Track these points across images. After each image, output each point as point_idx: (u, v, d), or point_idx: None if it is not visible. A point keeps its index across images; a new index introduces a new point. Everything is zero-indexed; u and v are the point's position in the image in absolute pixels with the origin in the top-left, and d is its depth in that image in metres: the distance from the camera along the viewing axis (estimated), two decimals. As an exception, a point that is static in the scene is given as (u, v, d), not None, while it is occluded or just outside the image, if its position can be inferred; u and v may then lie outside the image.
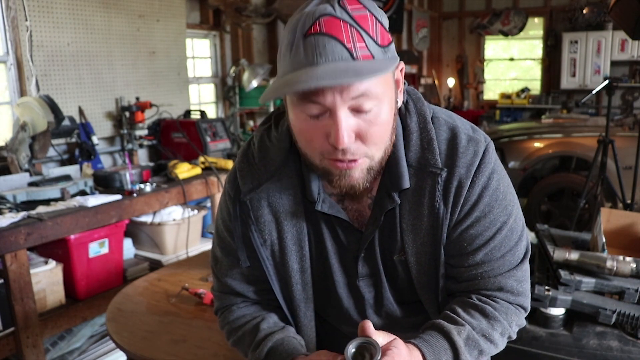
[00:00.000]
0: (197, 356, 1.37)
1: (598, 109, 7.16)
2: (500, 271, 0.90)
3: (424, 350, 0.81)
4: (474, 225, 0.88)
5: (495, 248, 0.89)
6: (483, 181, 0.87)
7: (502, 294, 0.91)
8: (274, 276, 0.95)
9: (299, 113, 0.79)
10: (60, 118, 2.60)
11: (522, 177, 4.38)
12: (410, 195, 0.89)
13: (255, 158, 0.94)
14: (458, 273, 0.92)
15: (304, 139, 0.82)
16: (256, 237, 0.93)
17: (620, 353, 1.54)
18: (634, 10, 2.50)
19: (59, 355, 2.47)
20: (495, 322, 0.89)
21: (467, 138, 0.89)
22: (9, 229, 2.02)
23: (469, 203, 0.88)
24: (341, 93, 0.74)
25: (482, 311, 0.89)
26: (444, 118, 0.92)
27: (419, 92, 0.96)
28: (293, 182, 0.92)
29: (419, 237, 0.89)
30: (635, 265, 1.61)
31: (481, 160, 0.88)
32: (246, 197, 0.93)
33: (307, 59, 0.73)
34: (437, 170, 0.87)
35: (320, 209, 0.90)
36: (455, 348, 0.84)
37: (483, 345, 0.88)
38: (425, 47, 8.16)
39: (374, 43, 0.75)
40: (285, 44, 0.77)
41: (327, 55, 0.73)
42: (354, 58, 0.73)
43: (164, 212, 2.96)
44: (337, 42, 0.73)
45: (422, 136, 0.89)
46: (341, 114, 0.75)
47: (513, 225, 0.91)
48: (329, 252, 0.95)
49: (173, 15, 3.69)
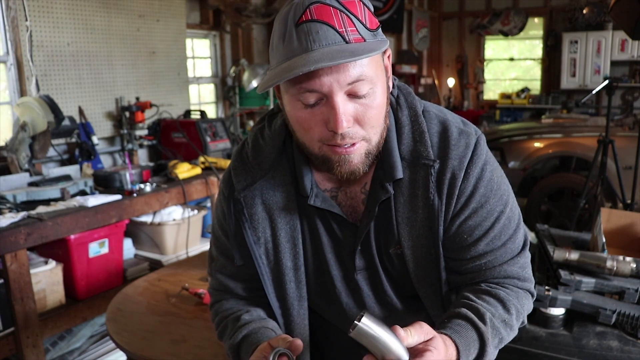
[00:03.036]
0: (197, 356, 1.37)
1: (598, 109, 7.16)
2: (503, 259, 0.91)
3: (457, 343, 0.79)
4: (472, 216, 0.89)
5: (495, 237, 0.90)
6: (477, 172, 0.89)
7: (509, 281, 0.92)
8: (266, 275, 0.96)
9: (295, 103, 0.80)
10: (60, 118, 2.60)
11: (522, 177, 4.37)
12: (404, 188, 0.90)
13: (249, 157, 0.96)
14: (461, 266, 0.93)
15: (302, 128, 0.83)
16: (250, 234, 0.94)
17: (620, 353, 1.54)
18: (634, 10, 2.50)
19: (59, 355, 2.47)
20: (511, 306, 0.89)
21: (459, 131, 0.91)
22: (9, 229, 2.02)
23: (465, 195, 0.89)
24: (337, 79, 0.76)
25: (497, 296, 0.89)
26: (434, 112, 0.94)
27: (410, 87, 0.98)
28: (286, 179, 0.94)
29: (414, 229, 0.90)
30: (635, 265, 1.61)
31: (473, 152, 0.89)
32: (240, 195, 0.94)
33: (302, 46, 0.75)
34: (429, 162, 0.88)
35: (313, 204, 0.91)
36: (482, 339, 0.82)
37: (503, 332, 0.88)
38: (425, 47, 8.16)
39: (363, 27, 0.77)
40: (277, 36, 0.79)
41: (321, 40, 0.74)
42: (347, 42, 0.75)
43: (164, 212, 2.96)
44: (329, 27, 0.75)
45: (413, 129, 0.91)
46: (338, 99, 0.77)
47: (510, 214, 0.92)
48: (324, 247, 0.96)
49: (173, 15, 3.69)
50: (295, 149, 0.93)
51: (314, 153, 0.84)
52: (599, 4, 6.82)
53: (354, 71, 0.76)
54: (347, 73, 0.76)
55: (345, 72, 0.76)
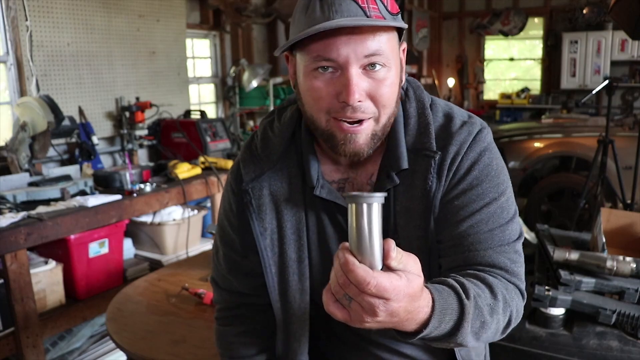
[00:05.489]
0: (197, 356, 1.37)
1: (598, 109, 7.15)
2: (489, 245, 0.87)
3: (435, 300, 0.71)
4: (459, 196, 0.89)
5: (482, 221, 0.87)
6: (473, 156, 0.89)
7: (497, 271, 0.86)
8: (269, 267, 0.96)
9: (310, 72, 0.82)
10: (60, 118, 2.60)
11: (522, 177, 4.37)
12: (404, 178, 0.91)
13: (258, 148, 0.98)
14: (446, 248, 0.90)
15: (312, 98, 0.84)
16: (257, 225, 0.95)
17: (620, 353, 1.54)
18: (634, 10, 2.50)
19: (59, 355, 2.47)
20: (498, 292, 0.82)
21: (462, 122, 0.92)
22: (9, 229, 2.02)
23: (457, 176, 0.89)
24: (355, 50, 0.78)
25: (484, 280, 0.83)
26: (441, 106, 0.96)
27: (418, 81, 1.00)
28: (294, 171, 0.95)
29: (411, 220, 0.90)
30: (635, 265, 1.61)
31: (474, 138, 0.90)
32: (248, 186, 0.96)
33: (324, 15, 0.77)
34: (431, 154, 0.89)
35: (319, 194, 0.92)
36: (462, 312, 0.74)
37: (487, 316, 0.79)
38: (425, 47, 8.16)
39: (385, 8, 0.80)
40: (299, 9, 0.82)
41: (343, 12, 0.77)
42: (368, 16, 0.78)
43: (164, 212, 2.96)
44: (352, 1, 0.77)
45: (419, 121, 0.92)
46: (353, 70, 0.79)
47: (504, 204, 0.89)
48: (329, 239, 0.96)
49: (173, 15, 3.69)
50: (303, 141, 0.94)
51: (321, 127, 0.85)
52: (599, 4, 6.82)
53: (372, 44, 0.78)
54: (365, 45, 0.78)
55: (363, 44, 0.78)
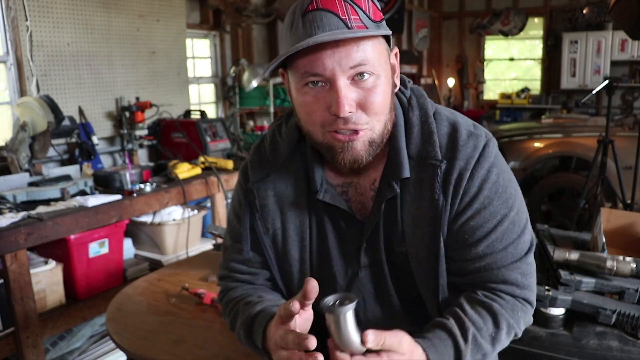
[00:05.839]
0: (197, 356, 1.37)
1: (598, 109, 7.15)
2: (503, 263, 0.91)
3: (429, 355, 0.82)
4: (474, 217, 0.90)
5: (497, 240, 0.90)
6: (482, 174, 0.89)
7: (507, 287, 0.91)
8: (273, 267, 1.00)
9: (300, 88, 0.84)
10: (60, 118, 2.60)
11: (522, 177, 4.37)
12: (411, 187, 0.91)
13: (266, 151, 1.01)
14: (461, 267, 0.93)
15: (305, 113, 0.86)
16: (259, 225, 0.98)
17: (620, 353, 1.54)
18: (634, 10, 2.50)
19: (59, 355, 2.47)
20: (502, 321, 0.89)
21: (468, 133, 0.92)
22: (9, 229, 2.02)
23: (469, 195, 0.89)
24: (340, 62, 0.80)
25: (490, 309, 0.89)
26: (445, 114, 0.96)
27: (422, 89, 1.00)
28: (299, 175, 0.97)
29: (419, 228, 0.91)
30: (635, 265, 1.61)
31: (481, 153, 0.90)
32: (254, 186, 0.98)
33: (306, 32, 0.80)
34: (436, 162, 0.89)
35: (322, 199, 0.93)
36: (459, 354, 0.85)
37: (487, 347, 0.88)
38: (425, 47, 8.16)
39: (367, 17, 0.82)
40: (286, 26, 0.84)
41: (324, 26, 0.79)
42: (349, 28, 0.80)
43: (164, 212, 2.96)
44: (332, 14, 0.79)
45: (423, 129, 0.92)
46: (341, 83, 0.80)
47: (515, 218, 0.91)
48: (329, 242, 0.97)
49: (173, 15, 3.69)
50: (308, 146, 0.96)
51: (319, 141, 0.87)
52: (599, 4, 6.82)
53: (356, 55, 0.80)
54: (350, 57, 0.80)
55: (347, 55, 0.79)
